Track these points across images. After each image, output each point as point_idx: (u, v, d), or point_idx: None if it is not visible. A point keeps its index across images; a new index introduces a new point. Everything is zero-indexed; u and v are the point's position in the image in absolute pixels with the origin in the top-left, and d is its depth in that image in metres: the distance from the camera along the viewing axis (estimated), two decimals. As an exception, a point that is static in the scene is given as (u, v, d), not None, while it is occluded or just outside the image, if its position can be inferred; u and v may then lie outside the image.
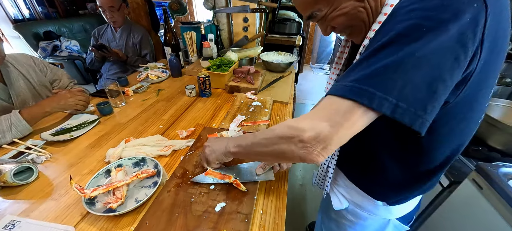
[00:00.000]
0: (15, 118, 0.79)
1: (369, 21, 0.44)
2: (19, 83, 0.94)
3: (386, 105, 0.31)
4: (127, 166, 0.69)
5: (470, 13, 0.29)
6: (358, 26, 0.46)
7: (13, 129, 0.78)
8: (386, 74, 0.32)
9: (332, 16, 0.45)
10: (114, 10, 1.51)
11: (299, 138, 0.37)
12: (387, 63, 0.32)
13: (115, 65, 1.69)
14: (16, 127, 0.79)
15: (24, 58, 0.99)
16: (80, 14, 3.79)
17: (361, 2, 0.42)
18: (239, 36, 1.68)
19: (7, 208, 0.58)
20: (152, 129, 0.90)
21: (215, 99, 1.15)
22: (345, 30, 0.48)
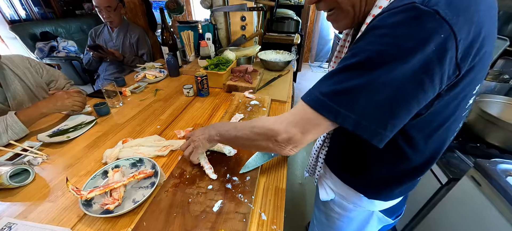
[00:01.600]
0: (11, 120, 0.78)
1: (359, 9, 0.43)
2: (15, 85, 0.93)
3: (349, 121, 0.36)
4: (125, 166, 0.68)
5: (435, 43, 0.30)
6: (344, 9, 0.44)
7: (9, 131, 0.78)
8: (352, 94, 0.35)
9: None
10: (111, 10, 1.50)
11: (275, 138, 0.44)
12: (354, 85, 0.35)
13: (112, 66, 1.68)
14: (12, 128, 0.78)
15: (20, 59, 0.98)
16: (77, 14, 3.76)
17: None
18: (237, 35, 1.67)
19: (4, 210, 0.57)
20: (150, 129, 0.89)
21: (213, 99, 1.14)
22: (330, 7, 0.46)
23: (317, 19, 4.40)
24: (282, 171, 0.70)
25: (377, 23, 0.34)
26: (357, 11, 0.43)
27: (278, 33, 2.86)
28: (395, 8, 0.32)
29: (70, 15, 3.68)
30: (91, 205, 0.57)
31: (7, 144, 0.77)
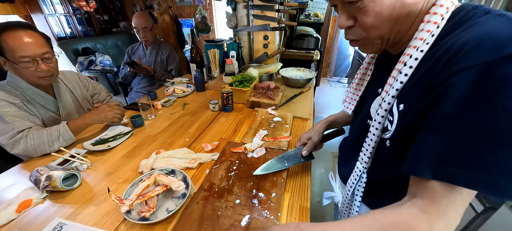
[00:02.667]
0: (63, 129, 0.89)
1: (388, 40, 0.43)
2: (66, 97, 1.05)
3: None
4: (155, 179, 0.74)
5: None
6: (372, 41, 0.43)
7: (61, 138, 0.88)
8: None
9: (367, 7, 0.39)
10: (147, 31, 1.66)
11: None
12: None
13: (144, 80, 1.82)
14: (63, 136, 0.88)
15: (71, 75, 1.12)
16: (113, 31, 4.16)
17: (400, 7, 0.39)
18: (259, 52, 1.75)
19: (56, 211, 0.65)
20: (180, 142, 0.95)
21: (237, 114, 1.19)
22: (358, 37, 0.44)
23: (336, 35, 4.42)
24: (306, 190, 0.71)
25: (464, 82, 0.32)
26: (385, 42, 0.44)
27: (298, 49, 2.92)
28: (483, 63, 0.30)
29: (108, 32, 4.08)
30: (130, 211, 0.62)
31: (58, 150, 0.87)
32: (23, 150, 0.84)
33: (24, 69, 0.85)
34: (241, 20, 1.73)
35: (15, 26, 0.82)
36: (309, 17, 3.32)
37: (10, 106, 0.86)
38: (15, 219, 0.63)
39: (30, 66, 0.85)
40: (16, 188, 0.73)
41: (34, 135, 0.85)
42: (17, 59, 0.82)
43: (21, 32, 0.82)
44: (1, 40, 0.80)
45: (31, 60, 0.84)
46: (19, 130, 0.84)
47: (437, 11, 0.38)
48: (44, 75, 0.89)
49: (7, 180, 0.77)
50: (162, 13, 1.79)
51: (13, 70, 0.87)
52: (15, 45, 0.81)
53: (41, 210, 0.65)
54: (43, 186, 0.68)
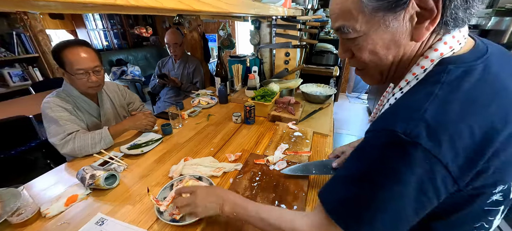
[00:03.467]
0: (105, 133, 0.99)
1: (387, 75, 0.43)
2: (107, 105, 1.18)
3: None
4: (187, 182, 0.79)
5: (421, 169, 0.31)
6: (372, 73, 0.45)
7: (102, 141, 0.98)
8: (359, 207, 0.37)
9: (357, 43, 0.40)
10: (177, 46, 1.81)
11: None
12: (359, 196, 0.37)
13: (171, 91, 1.96)
14: (104, 140, 0.99)
15: (112, 85, 1.26)
16: (143, 45, 4.53)
17: (395, 48, 0.39)
18: (280, 68, 1.81)
19: (98, 207, 0.72)
20: (205, 151, 1.01)
21: (258, 127, 1.24)
22: (360, 66, 0.46)
23: (356, 51, 4.39)
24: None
25: (367, 139, 0.38)
26: (384, 77, 0.44)
27: (317, 65, 2.95)
28: (377, 130, 0.36)
29: (139, 45, 4.45)
30: (162, 213, 0.68)
31: (98, 152, 0.98)
32: (70, 150, 0.95)
33: (78, 80, 0.98)
34: (264, 37, 1.82)
35: (75, 44, 0.97)
36: (329, 34, 3.37)
37: (63, 111, 0.98)
38: (63, 211, 0.71)
39: (83, 77, 0.98)
40: (63, 184, 0.83)
41: (80, 137, 0.96)
42: (74, 71, 0.96)
43: (79, 49, 0.96)
44: (63, 55, 0.94)
45: (85, 72, 0.97)
46: (69, 132, 0.95)
47: (429, 55, 0.38)
48: (93, 85, 1.02)
49: (55, 177, 0.88)
50: (192, 31, 1.94)
51: (69, 80, 1.01)
52: (74, 60, 0.94)
53: (85, 205, 0.73)
54: (88, 184, 0.76)
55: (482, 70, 0.34)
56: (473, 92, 0.33)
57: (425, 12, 0.34)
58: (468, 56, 0.37)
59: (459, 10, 0.33)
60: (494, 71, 0.35)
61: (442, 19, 0.34)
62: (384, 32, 0.37)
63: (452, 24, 0.35)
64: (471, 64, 0.35)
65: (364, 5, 0.36)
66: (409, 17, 0.35)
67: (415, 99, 0.35)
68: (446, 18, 0.34)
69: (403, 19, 0.35)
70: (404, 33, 0.36)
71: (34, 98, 2.33)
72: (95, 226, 0.65)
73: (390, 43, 0.38)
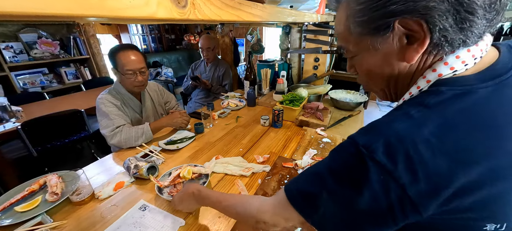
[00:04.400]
0: (146, 128, 1.09)
1: (389, 91, 0.43)
2: (148, 103, 1.30)
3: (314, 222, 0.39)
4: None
5: (377, 183, 0.31)
6: (373, 86, 0.45)
7: (144, 136, 1.08)
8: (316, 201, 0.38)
9: (355, 62, 0.43)
10: (210, 50, 1.91)
11: (265, 228, 0.47)
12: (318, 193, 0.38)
13: (202, 92, 2.07)
14: (146, 134, 1.09)
15: (153, 85, 1.38)
16: (177, 48, 4.85)
17: (388, 67, 0.39)
18: (308, 73, 1.80)
19: (141, 194, 0.80)
20: (234, 151, 1.06)
21: (285, 131, 1.25)
22: (361, 81, 0.47)
23: (389, 57, 4.16)
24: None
25: (342, 143, 0.38)
26: (388, 94, 0.44)
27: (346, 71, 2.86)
28: (350, 138, 0.36)
29: (172, 49, 4.77)
30: (162, 192, 0.78)
31: (140, 145, 1.08)
32: (117, 141, 1.06)
33: (127, 79, 1.10)
34: (294, 42, 1.83)
35: (127, 48, 1.10)
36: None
37: (113, 107, 1.11)
38: (112, 195, 0.80)
39: (131, 77, 1.10)
40: (109, 171, 0.94)
41: (126, 131, 1.07)
42: (124, 71, 1.08)
43: (129, 52, 1.09)
44: (117, 57, 1.07)
45: (133, 72, 1.09)
46: (117, 125, 1.07)
47: (426, 76, 0.36)
48: (139, 84, 1.14)
49: (103, 166, 0.99)
50: (224, 36, 2.03)
51: (119, 79, 1.14)
52: (125, 61, 1.07)
53: (130, 191, 0.82)
54: (133, 173, 0.85)
55: (486, 95, 0.32)
56: (455, 119, 0.31)
57: (413, 33, 0.33)
58: (471, 78, 0.34)
59: (449, 33, 0.31)
60: (507, 95, 0.32)
61: (432, 41, 0.32)
62: (374, 53, 0.38)
63: (447, 45, 0.33)
64: (469, 87, 0.32)
65: (351, 30, 0.38)
66: (398, 38, 0.34)
67: (391, 117, 0.35)
68: (435, 40, 0.32)
69: (392, 41, 0.35)
70: (395, 54, 0.36)
71: (84, 95, 2.64)
72: (139, 210, 0.73)
73: (382, 63, 0.38)
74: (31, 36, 2.99)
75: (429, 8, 0.30)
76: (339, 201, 0.35)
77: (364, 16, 0.35)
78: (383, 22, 0.33)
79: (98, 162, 1.03)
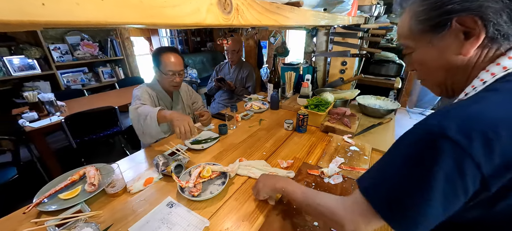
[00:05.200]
0: (153, 112, 1.02)
1: (446, 90, 0.45)
2: (178, 101, 1.36)
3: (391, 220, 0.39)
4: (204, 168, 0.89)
5: (452, 160, 0.32)
6: (431, 86, 0.48)
7: (148, 117, 1.02)
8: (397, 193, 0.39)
9: (415, 57, 0.46)
10: (235, 53, 1.94)
11: (341, 227, 0.46)
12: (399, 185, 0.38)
13: (225, 93, 2.11)
14: (151, 116, 1.02)
15: (184, 86, 1.44)
16: (201, 50, 5.02)
17: (445, 62, 0.41)
18: (335, 77, 1.74)
19: (168, 191, 0.83)
20: (257, 154, 1.05)
21: (309, 136, 1.22)
22: (419, 77, 0.50)
23: (423, 61, 3.86)
24: None
25: (407, 131, 0.39)
26: (444, 90, 0.46)
27: (375, 75, 2.72)
28: (417, 124, 0.37)
29: (197, 51, 4.94)
30: (184, 191, 0.79)
31: (167, 142, 1.12)
32: (135, 116, 1.06)
33: (166, 78, 1.19)
34: (320, 45, 1.78)
35: (171, 50, 1.20)
36: (391, 41, 3.06)
37: (146, 94, 1.18)
38: (142, 190, 0.84)
39: (170, 77, 1.19)
40: (139, 167, 0.99)
41: (142, 108, 1.07)
42: (166, 71, 1.17)
43: (173, 55, 1.18)
44: (161, 57, 1.17)
45: (173, 73, 1.18)
46: (142, 102, 1.11)
47: (489, 69, 0.38)
48: (175, 84, 1.23)
49: (133, 161, 1.05)
50: (248, 38, 2.05)
51: (159, 78, 1.24)
52: (168, 62, 1.16)
53: (158, 188, 0.86)
54: (161, 170, 0.89)
55: None
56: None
57: (469, 29, 0.36)
58: None
59: (503, 28, 0.34)
60: None
61: (487, 35, 0.35)
62: (432, 48, 0.42)
63: (503, 39, 0.36)
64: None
65: (413, 29, 0.42)
66: (455, 34, 0.38)
67: (458, 104, 0.37)
68: (491, 35, 0.35)
69: (449, 37, 0.38)
70: (452, 48, 0.39)
71: (118, 93, 2.84)
72: (166, 207, 0.75)
73: (440, 57, 0.42)
74: (75, 39, 3.31)
75: (484, 7, 0.33)
76: (412, 187, 0.36)
77: (425, 15, 0.39)
78: (441, 19, 0.38)
79: (128, 158, 1.09)
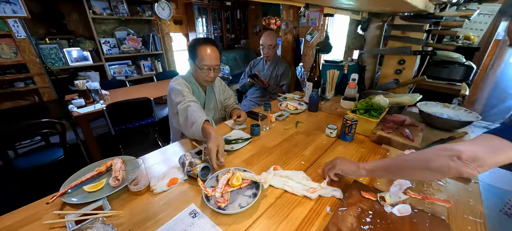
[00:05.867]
0: (199, 123, 0.93)
1: None
2: (211, 96, 1.29)
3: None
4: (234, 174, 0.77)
5: None
6: None
7: (194, 127, 0.95)
8: None
9: None
10: (271, 48, 1.80)
11: (458, 155, 0.46)
12: None
13: (258, 91, 1.99)
14: (196, 128, 0.94)
15: (218, 80, 1.36)
16: (235, 47, 5.01)
17: None
18: (387, 78, 1.47)
19: (192, 197, 0.73)
20: (294, 163, 0.90)
21: (357, 147, 1.01)
22: None
23: (494, 65, 3.22)
24: None
25: None
26: None
27: (434, 79, 2.30)
28: None
29: (231, 48, 4.95)
30: (209, 200, 0.69)
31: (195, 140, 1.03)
32: (183, 119, 1.00)
33: (201, 73, 1.12)
34: (371, 40, 1.53)
35: (209, 42, 1.11)
36: (456, 40, 2.56)
37: (185, 87, 1.13)
38: (166, 191, 0.76)
39: (206, 72, 1.11)
40: (166, 163, 0.92)
41: (192, 109, 1.00)
42: (201, 66, 1.09)
43: (210, 48, 1.09)
44: (197, 50, 1.09)
45: (208, 68, 1.10)
46: (189, 100, 1.05)
47: None
48: (210, 80, 1.16)
49: (161, 156, 0.98)
50: (286, 33, 1.89)
51: (193, 71, 1.17)
52: (204, 56, 1.08)
53: (182, 190, 0.76)
54: (187, 170, 0.80)
55: None
56: None
57: None
58: None
59: None
60: None
61: None
62: None
63: None
64: None
65: None
66: None
67: None
68: None
69: None
70: None
71: (155, 85, 2.95)
72: (189, 216, 0.65)
73: None
74: (122, 33, 3.57)
75: None
76: None
77: None
78: None
79: (157, 152, 1.02)
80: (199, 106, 1.06)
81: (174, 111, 1.07)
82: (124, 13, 3.37)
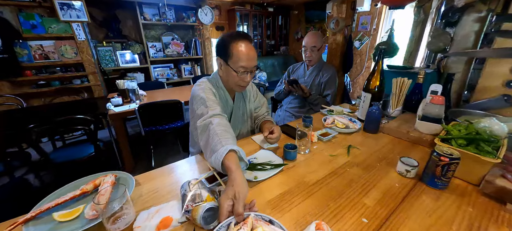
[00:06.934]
0: (222, 153, 0.65)
1: None
2: (239, 104, 1.06)
3: None
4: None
5: None
6: None
7: (213, 156, 0.67)
8: None
9: None
10: (315, 50, 1.49)
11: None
12: None
13: (296, 100, 1.68)
14: (217, 157, 0.66)
15: (249, 85, 1.13)
16: (274, 53, 4.80)
17: None
18: (490, 93, 1.01)
19: None
20: (351, 218, 0.57)
21: (454, 198, 0.62)
22: None
23: None
24: None
25: None
26: None
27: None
28: None
29: (270, 54, 4.77)
30: None
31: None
32: (205, 138, 0.76)
33: (235, 76, 0.88)
34: (462, 39, 1.09)
35: (245, 37, 0.87)
36: None
37: (211, 94, 0.90)
38: (155, 235, 0.53)
39: (241, 75, 0.88)
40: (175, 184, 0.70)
41: (214, 128, 0.74)
42: (237, 67, 0.86)
43: (247, 45, 0.86)
44: (232, 47, 0.85)
45: (245, 70, 0.87)
46: (212, 114, 0.80)
47: None
48: (243, 84, 0.92)
49: (173, 172, 0.77)
50: (336, 33, 1.56)
51: (223, 73, 0.93)
52: (242, 56, 0.85)
53: (176, 238, 0.52)
54: (185, 209, 0.55)
55: None
56: None
57: None
58: None
59: None
60: None
61: None
62: None
63: None
64: None
65: None
66: None
67: None
68: None
69: None
70: None
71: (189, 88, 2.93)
72: None
73: None
74: (168, 38, 3.73)
75: None
76: None
77: None
78: None
79: (168, 167, 0.83)
80: (225, 123, 0.78)
81: (195, 124, 0.83)
82: (171, 19, 3.52)
